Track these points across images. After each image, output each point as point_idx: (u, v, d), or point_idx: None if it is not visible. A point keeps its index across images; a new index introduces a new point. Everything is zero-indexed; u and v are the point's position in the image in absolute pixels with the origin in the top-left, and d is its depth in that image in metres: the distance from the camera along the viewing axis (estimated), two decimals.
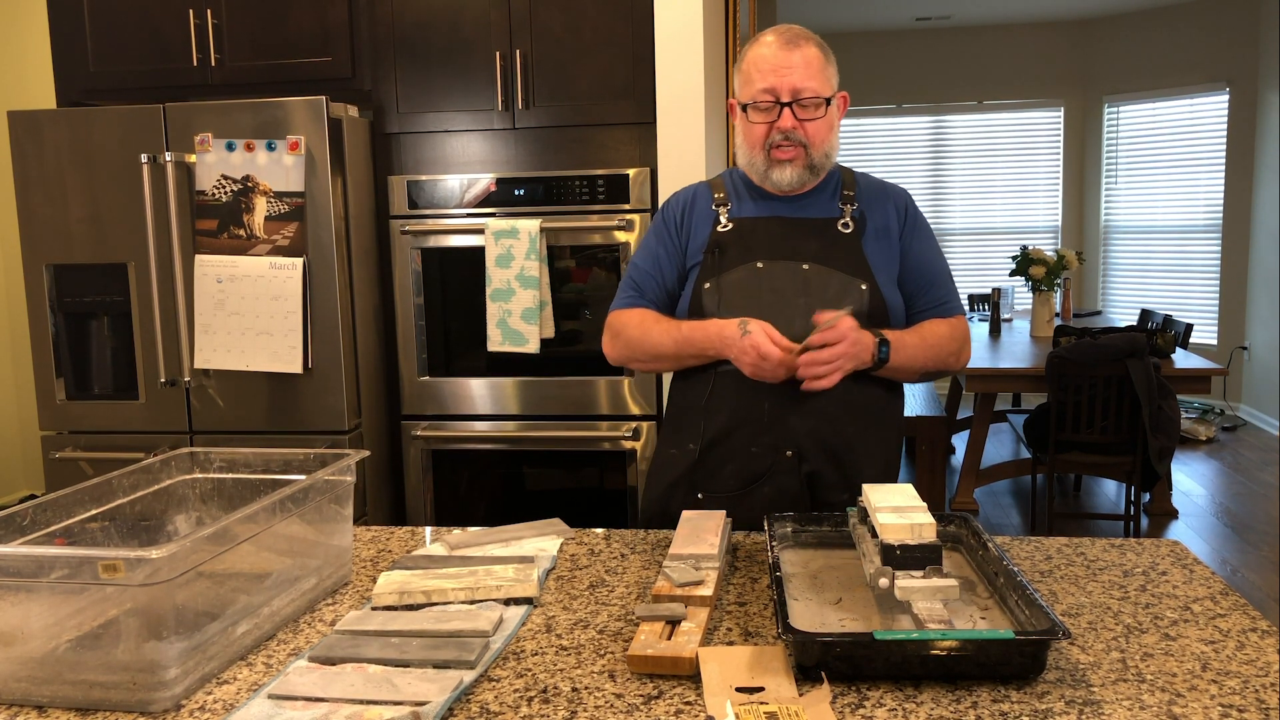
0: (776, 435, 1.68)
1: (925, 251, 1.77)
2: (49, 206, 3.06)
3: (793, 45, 1.66)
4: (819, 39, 1.71)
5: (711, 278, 1.71)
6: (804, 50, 1.66)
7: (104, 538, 1.36)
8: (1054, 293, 5.38)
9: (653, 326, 1.73)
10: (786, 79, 1.65)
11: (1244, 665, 1.13)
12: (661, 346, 1.72)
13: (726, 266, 1.71)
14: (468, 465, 3.20)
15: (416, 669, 1.14)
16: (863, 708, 1.04)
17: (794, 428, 1.67)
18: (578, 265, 3.06)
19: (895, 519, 1.22)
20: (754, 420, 1.68)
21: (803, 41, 1.67)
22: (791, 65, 1.65)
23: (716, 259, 1.72)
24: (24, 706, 1.10)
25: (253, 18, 3.15)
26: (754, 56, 1.69)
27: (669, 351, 1.71)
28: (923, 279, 1.76)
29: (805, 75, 1.65)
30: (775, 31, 1.69)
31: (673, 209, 1.82)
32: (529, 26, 3.04)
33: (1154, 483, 4.17)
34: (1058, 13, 7.29)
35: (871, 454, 1.71)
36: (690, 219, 1.78)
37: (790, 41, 1.67)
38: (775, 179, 1.70)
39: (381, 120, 3.15)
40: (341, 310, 2.98)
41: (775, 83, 1.65)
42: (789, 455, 1.68)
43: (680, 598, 1.28)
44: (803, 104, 1.66)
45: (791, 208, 1.75)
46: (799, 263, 1.69)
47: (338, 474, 1.43)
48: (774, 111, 1.66)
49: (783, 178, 1.70)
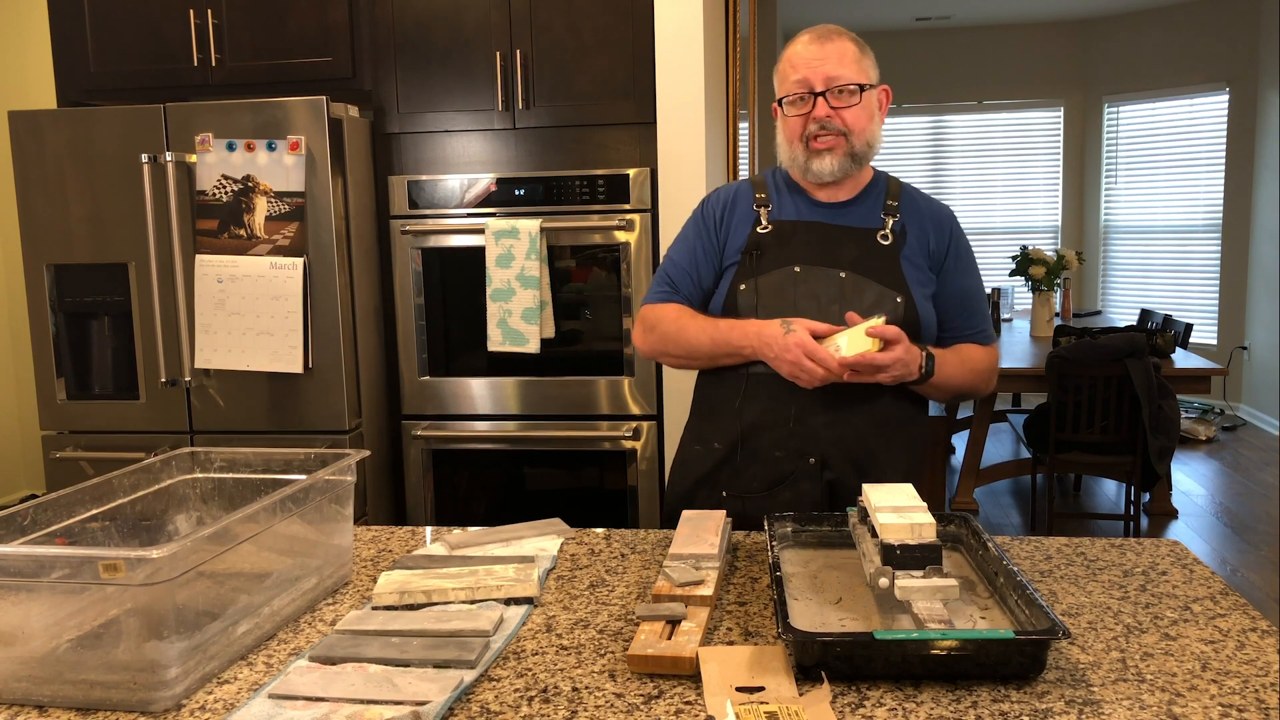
0: (802, 441, 1.68)
1: (967, 278, 1.78)
2: (49, 206, 3.06)
3: (825, 39, 1.68)
4: (855, 35, 1.72)
5: (748, 279, 1.70)
6: (837, 43, 1.68)
7: (104, 538, 1.36)
8: (1054, 293, 5.38)
9: (689, 323, 1.73)
10: (819, 69, 1.66)
11: (1244, 665, 1.13)
12: (697, 344, 1.71)
13: (764, 269, 1.70)
14: (468, 465, 3.20)
15: (417, 669, 1.14)
16: (863, 707, 1.04)
17: (819, 435, 1.67)
18: (578, 265, 3.06)
19: (895, 519, 1.23)
20: (780, 425, 1.68)
21: (835, 36, 1.69)
22: (824, 56, 1.66)
23: (754, 260, 1.71)
24: (24, 706, 1.10)
25: (253, 18, 3.15)
26: (788, 54, 1.70)
27: (704, 350, 1.71)
28: (962, 306, 1.77)
29: (839, 64, 1.66)
30: (809, 30, 1.71)
31: (713, 206, 1.81)
32: (529, 26, 3.04)
33: (1154, 483, 4.17)
34: (1058, 13, 7.29)
35: (895, 466, 1.71)
36: (731, 218, 1.78)
37: (823, 36, 1.69)
38: (816, 169, 1.69)
39: (382, 120, 3.15)
40: (342, 310, 2.98)
41: (807, 74, 1.66)
42: (812, 462, 1.68)
43: (680, 597, 1.28)
44: (837, 92, 1.66)
45: (833, 214, 1.74)
46: (836, 270, 1.68)
47: (338, 474, 1.43)
48: (809, 102, 1.67)
49: (823, 167, 1.69)
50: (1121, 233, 7.51)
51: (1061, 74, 7.61)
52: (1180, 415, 4.27)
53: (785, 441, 1.68)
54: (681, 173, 2.96)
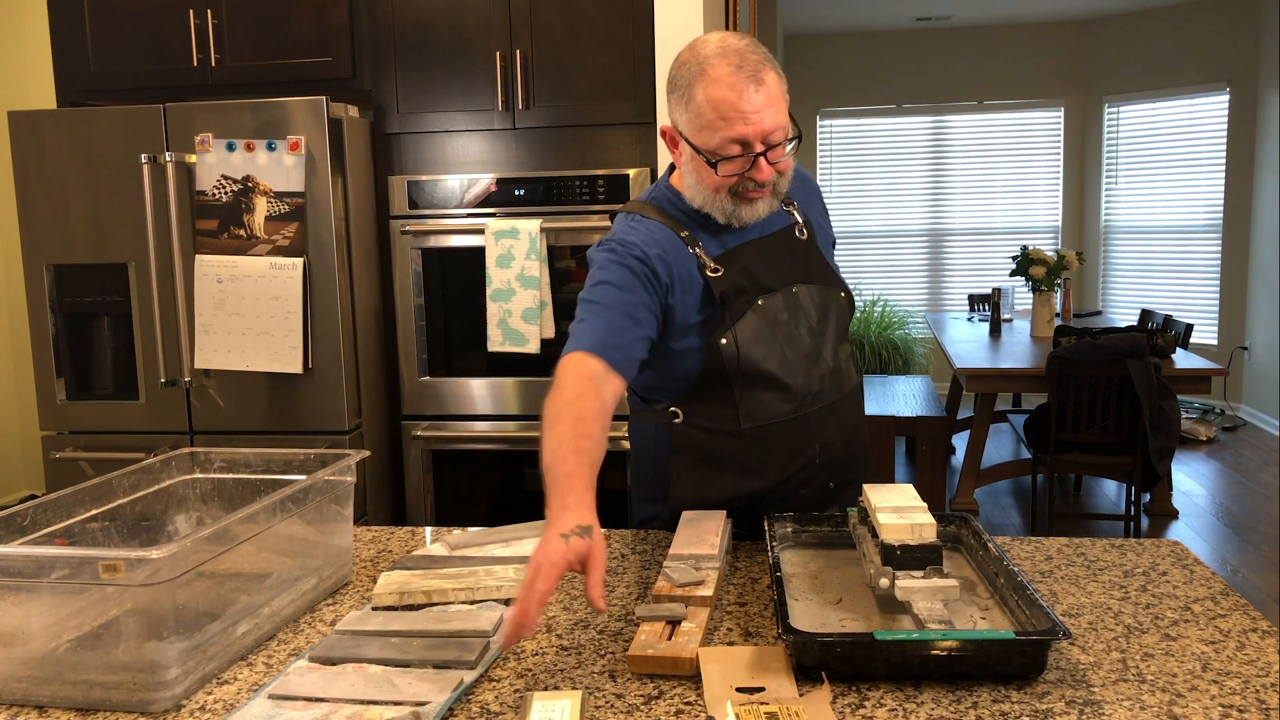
0: (829, 474, 1.65)
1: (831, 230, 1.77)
2: (49, 206, 3.06)
3: (754, 80, 1.42)
4: (768, 55, 1.47)
5: (725, 331, 1.53)
6: (767, 85, 1.43)
7: (104, 538, 1.36)
8: (1054, 293, 5.38)
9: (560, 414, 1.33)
10: (756, 125, 1.42)
11: (1244, 665, 1.13)
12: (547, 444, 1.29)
13: (736, 316, 1.54)
14: (468, 465, 3.20)
15: (417, 669, 1.14)
16: (863, 708, 1.04)
17: (842, 461, 1.67)
18: (578, 265, 3.06)
19: (895, 519, 1.22)
20: (805, 465, 1.62)
21: (762, 71, 1.43)
22: (759, 107, 1.42)
23: (724, 309, 1.54)
24: (24, 706, 1.10)
25: (253, 18, 3.15)
26: (712, 99, 1.42)
27: (545, 459, 1.28)
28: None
29: (774, 115, 1.43)
30: (727, 61, 1.42)
31: (652, 260, 1.52)
32: (529, 26, 3.04)
33: (1154, 483, 4.17)
34: (1058, 13, 7.29)
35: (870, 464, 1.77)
36: (676, 271, 1.54)
37: (751, 76, 1.42)
38: (745, 217, 1.53)
39: (382, 120, 3.15)
40: (342, 310, 2.98)
41: (744, 131, 1.42)
42: (832, 486, 1.67)
43: (680, 598, 1.28)
44: (773, 145, 1.45)
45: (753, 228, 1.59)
46: (789, 289, 1.59)
47: (338, 474, 1.43)
48: (746, 161, 1.45)
49: (753, 214, 1.53)
50: (1122, 233, 7.51)
51: (1061, 74, 7.61)
52: (1181, 415, 4.27)
53: (811, 480, 1.64)
54: None
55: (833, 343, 1.63)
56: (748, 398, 1.56)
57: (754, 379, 1.54)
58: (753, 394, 1.55)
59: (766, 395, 1.56)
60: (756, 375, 1.54)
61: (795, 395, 1.57)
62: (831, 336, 1.63)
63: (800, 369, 1.58)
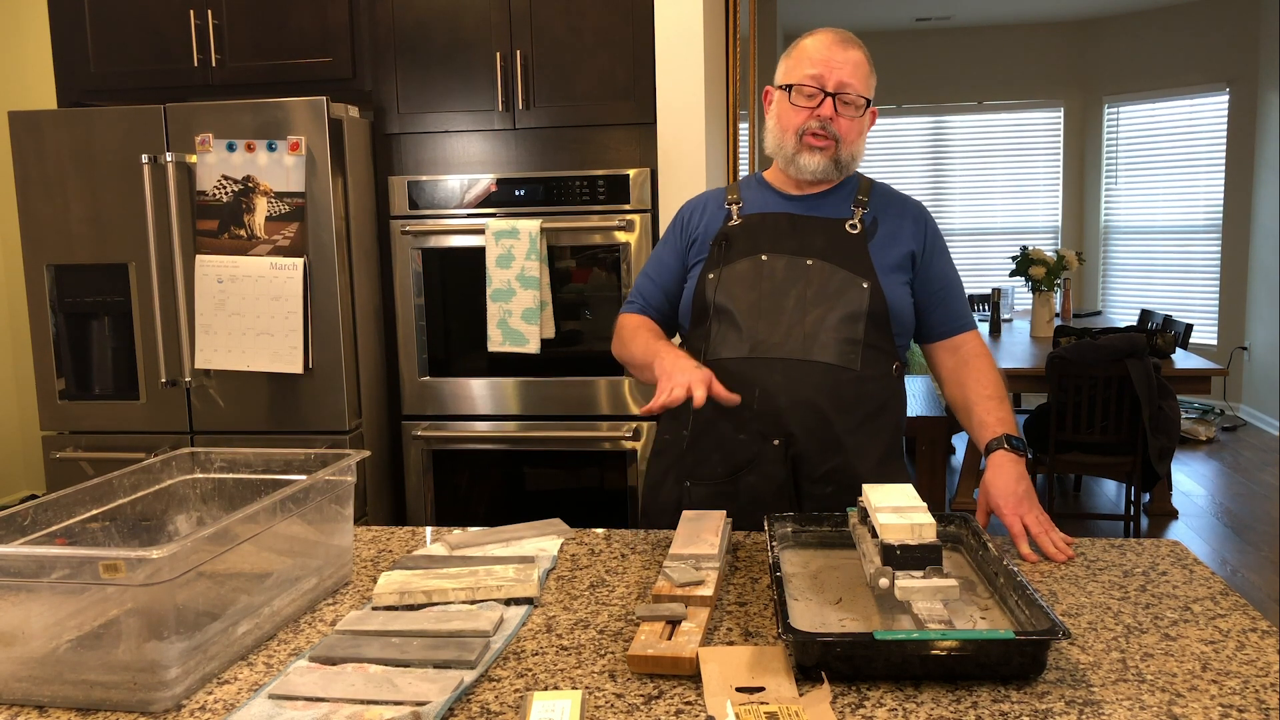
0: (765, 424, 1.68)
1: (947, 268, 1.82)
2: (49, 207, 3.06)
3: (846, 45, 1.71)
4: (867, 49, 1.75)
5: (716, 268, 1.75)
6: (854, 53, 1.71)
7: (104, 538, 1.36)
8: (1054, 293, 5.38)
9: (634, 337, 1.78)
10: (835, 72, 1.69)
11: (1244, 665, 1.13)
12: (634, 357, 1.76)
13: (732, 259, 1.74)
14: (468, 465, 3.20)
15: (417, 669, 1.14)
16: (863, 708, 1.04)
17: (783, 418, 1.67)
18: (578, 265, 3.07)
19: (895, 519, 1.23)
20: (743, 408, 1.67)
21: (854, 45, 1.72)
22: (842, 61, 1.69)
23: (723, 251, 1.76)
24: (25, 706, 1.10)
25: (253, 18, 3.15)
26: (805, 46, 1.73)
27: (638, 361, 1.75)
28: (944, 295, 1.80)
29: (852, 73, 1.69)
30: (829, 30, 1.74)
31: (685, 212, 1.87)
32: (529, 27, 3.04)
33: (1154, 483, 4.17)
34: (1058, 13, 7.29)
35: (865, 451, 1.70)
36: (701, 219, 1.83)
37: (844, 41, 1.71)
38: (803, 164, 1.73)
39: (382, 121, 3.15)
40: (342, 310, 2.98)
41: (823, 71, 1.69)
42: (776, 444, 1.68)
43: (680, 598, 1.28)
44: (845, 99, 1.69)
45: (802, 206, 1.78)
46: (803, 258, 1.72)
47: (338, 474, 1.43)
48: (817, 99, 1.70)
49: (811, 163, 1.72)
50: (1121, 233, 7.51)
51: (1061, 74, 7.61)
52: (1180, 415, 4.27)
53: (748, 424, 1.68)
54: (681, 173, 2.96)
55: (830, 319, 1.68)
56: (717, 335, 1.73)
57: (723, 316, 1.72)
58: (722, 332, 1.73)
59: (732, 334, 1.71)
60: (724, 313, 1.72)
61: (749, 338, 1.69)
62: (833, 315, 1.68)
63: (768, 319, 1.69)
